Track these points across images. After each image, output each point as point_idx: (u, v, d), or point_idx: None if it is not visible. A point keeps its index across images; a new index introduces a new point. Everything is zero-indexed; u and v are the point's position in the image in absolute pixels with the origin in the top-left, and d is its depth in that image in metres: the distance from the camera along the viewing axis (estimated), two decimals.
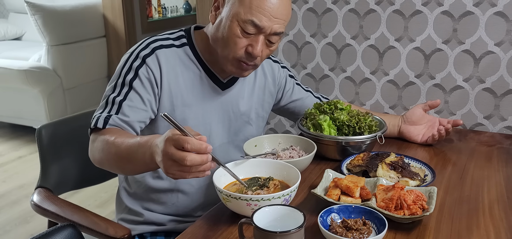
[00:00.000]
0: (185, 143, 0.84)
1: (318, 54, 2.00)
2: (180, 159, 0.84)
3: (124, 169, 1.11)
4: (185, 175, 0.88)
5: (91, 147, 1.14)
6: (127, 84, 1.17)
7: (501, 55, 1.68)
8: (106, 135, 1.09)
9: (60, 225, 0.89)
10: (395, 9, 1.80)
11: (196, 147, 0.84)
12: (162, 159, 0.88)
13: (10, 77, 3.56)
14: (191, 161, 0.84)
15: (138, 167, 1.05)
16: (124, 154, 1.02)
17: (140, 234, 1.31)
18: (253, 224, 0.84)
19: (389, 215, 0.96)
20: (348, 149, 1.33)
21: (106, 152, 1.07)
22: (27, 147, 3.61)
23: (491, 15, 1.66)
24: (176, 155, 0.85)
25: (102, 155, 1.09)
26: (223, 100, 1.28)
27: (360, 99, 1.98)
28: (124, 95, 1.16)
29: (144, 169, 1.05)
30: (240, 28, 1.11)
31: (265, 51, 1.17)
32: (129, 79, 1.17)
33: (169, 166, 0.88)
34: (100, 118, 1.13)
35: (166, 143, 0.87)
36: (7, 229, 2.48)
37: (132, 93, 1.16)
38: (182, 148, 0.84)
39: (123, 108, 1.14)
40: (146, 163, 0.97)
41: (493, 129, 1.77)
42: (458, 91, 1.78)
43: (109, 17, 3.98)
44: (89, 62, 3.92)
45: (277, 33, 1.14)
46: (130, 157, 1.01)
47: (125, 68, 1.19)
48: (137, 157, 0.99)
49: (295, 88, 1.49)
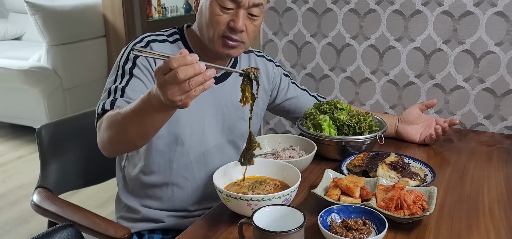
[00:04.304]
0: (170, 63, 0.85)
1: (318, 54, 2.00)
2: (173, 78, 0.85)
3: (135, 132, 1.04)
4: (190, 94, 0.88)
5: (99, 134, 1.13)
6: (127, 73, 1.19)
7: (501, 55, 1.68)
8: (111, 113, 1.09)
9: (60, 225, 0.89)
10: (395, 9, 1.80)
11: (182, 62, 0.85)
12: (161, 92, 0.88)
13: (10, 77, 3.56)
14: (183, 74, 0.85)
15: (148, 122, 1.00)
16: (131, 115, 1.00)
17: (138, 232, 1.31)
18: (253, 224, 0.84)
19: (389, 215, 0.96)
20: (348, 149, 1.33)
21: (113, 123, 1.06)
22: (27, 147, 3.61)
23: (491, 15, 1.66)
24: (168, 78, 0.86)
25: (110, 130, 1.07)
26: (216, 94, 1.29)
27: (360, 99, 1.98)
28: (126, 82, 1.17)
29: (157, 120, 1.00)
30: (219, 6, 1.15)
31: (250, 26, 1.19)
32: (128, 68, 1.19)
33: (171, 95, 0.87)
34: (106, 102, 1.13)
35: (156, 77, 0.88)
36: (7, 229, 2.48)
37: (134, 79, 1.18)
38: (169, 69, 0.85)
39: (127, 93, 1.15)
40: (156, 108, 0.95)
41: (493, 129, 1.77)
42: (458, 91, 1.78)
43: (109, 17, 3.98)
44: (89, 62, 3.92)
45: (256, 4, 1.16)
46: (138, 115, 0.99)
47: (122, 60, 1.21)
48: (145, 110, 0.97)
49: (290, 86, 1.50)
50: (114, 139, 1.08)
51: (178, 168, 1.27)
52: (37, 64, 3.61)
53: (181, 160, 1.27)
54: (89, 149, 1.47)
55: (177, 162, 1.26)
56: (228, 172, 1.12)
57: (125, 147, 1.15)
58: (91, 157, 1.48)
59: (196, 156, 1.28)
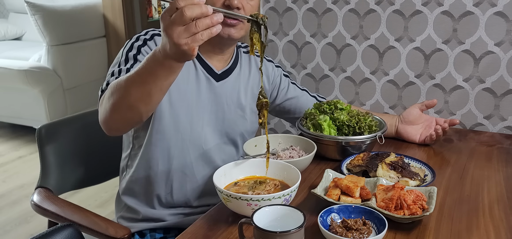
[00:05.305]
0: (177, 2, 0.82)
1: (318, 54, 2.00)
2: (179, 16, 0.82)
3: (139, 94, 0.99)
4: (196, 38, 0.84)
5: (100, 109, 1.10)
6: (131, 58, 1.18)
7: (501, 55, 1.68)
8: (114, 81, 1.06)
9: (60, 225, 0.89)
10: (395, 9, 1.80)
11: (189, 1, 0.82)
12: (167, 35, 0.85)
13: (10, 77, 3.56)
14: (190, 12, 0.82)
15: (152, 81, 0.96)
16: (134, 76, 0.97)
17: (139, 231, 1.32)
18: (253, 224, 0.84)
19: (389, 215, 0.96)
20: (348, 149, 1.33)
21: (116, 89, 1.02)
22: (27, 147, 3.61)
23: (491, 15, 1.66)
24: (174, 17, 0.83)
25: (112, 97, 1.03)
26: (216, 92, 1.29)
27: (360, 99, 1.98)
28: (130, 65, 1.17)
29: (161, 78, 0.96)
30: None
31: (246, 5, 1.19)
32: (132, 55, 1.19)
33: (177, 37, 0.84)
34: (110, 79, 1.12)
35: (162, 20, 0.86)
36: (7, 229, 2.48)
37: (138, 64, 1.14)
38: (176, 9, 0.83)
39: None
40: (161, 62, 0.92)
41: (493, 129, 1.77)
42: (458, 91, 1.78)
43: (109, 17, 3.98)
44: (89, 62, 3.92)
45: None
46: (142, 74, 0.96)
47: (126, 48, 1.21)
48: (149, 67, 0.94)
49: (290, 86, 1.50)
50: (117, 105, 1.03)
51: (178, 165, 1.27)
52: (37, 64, 3.61)
53: (181, 157, 1.27)
54: (89, 149, 1.47)
55: (177, 159, 1.26)
56: (228, 172, 1.12)
57: (128, 115, 1.06)
58: (91, 157, 1.48)
59: (195, 153, 1.28)
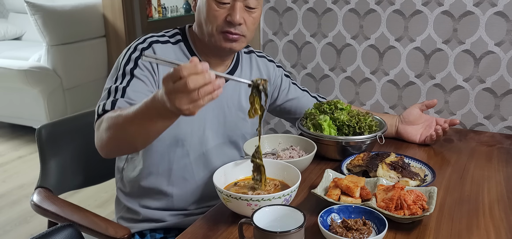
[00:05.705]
0: (180, 71, 0.83)
1: (318, 54, 2.00)
2: (183, 87, 0.83)
3: (137, 135, 1.03)
4: (198, 104, 0.86)
5: (97, 134, 1.12)
6: (128, 73, 1.18)
7: (501, 55, 1.68)
8: (111, 114, 1.07)
9: (60, 225, 0.89)
10: (395, 9, 1.80)
11: (192, 70, 0.83)
12: (169, 99, 0.86)
13: (10, 77, 3.56)
14: (193, 83, 0.82)
15: (151, 126, 0.99)
16: (133, 118, 0.99)
17: (139, 231, 1.31)
18: (253, 224, 0.84)
19: (389, 215, 0.96)
20: (348, 149, 1.33)
21: (113, 125, 1.04)
22: (27, 147, 3.61)
23: (491, 15, 1.66)
24: (177, 85, 0.84)
25: (110, 131, 1.06)
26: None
27: (360, 99, 1.97)
28: (127, 82, 1.17)
29: (160, 125, 0.99)
30: (215, 1, 1.16)
31: (248, 19, 1.19)
32: (129, 69, 1.19)
33: (179, 103, 0.85)
34: (106, 103, 1.13)
35: (165, 83, 0.86)
36: (7, 229, 2.48)
37: (134, 80, 1.17)
38: (179, 78, 0.83)
39: (128, 93, 1.15)
40: (161, 114, 0.93)
41: (493, 129, 1.77)
42: (458, 91, 1.78)
43: (109, 17, 3.98)
44: (89, 62, 3.92)
45: None
46: (141, 119, 0.97)
47: (123, 60, 1.21)
48: (149, 113, 0.95)
49: (291, 87, 1.50)
50: (114, 140, 1.07)
51: (178, 168, 1.27)
52: (37, 64, 3.60)
53: (181, 161, 1.27)
54: (89, 149, 1.47)
55: (177, 163, 1.26)
56: (228, 172, 1.12)
57: (124, 148, 1.14)
58: (91, 157, 1.48)
59: (196, 156, 1.28)
